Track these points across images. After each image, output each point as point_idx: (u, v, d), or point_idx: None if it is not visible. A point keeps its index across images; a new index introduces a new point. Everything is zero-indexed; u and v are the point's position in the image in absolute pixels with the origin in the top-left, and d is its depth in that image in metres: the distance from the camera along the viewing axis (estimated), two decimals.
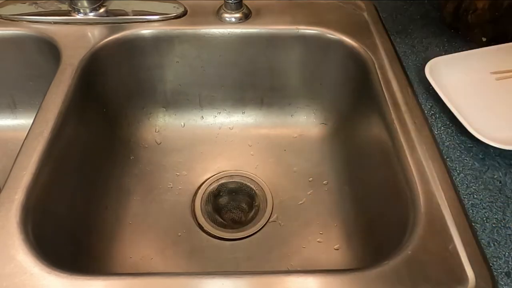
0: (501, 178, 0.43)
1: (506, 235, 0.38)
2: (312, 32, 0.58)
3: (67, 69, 0.51)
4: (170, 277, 0.33)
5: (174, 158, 0.61)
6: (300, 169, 0.60)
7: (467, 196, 0.41)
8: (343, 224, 0.53)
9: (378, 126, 0.48)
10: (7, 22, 0.57)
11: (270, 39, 0.58)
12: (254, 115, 0.65)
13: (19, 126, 0.64)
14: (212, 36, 0.58)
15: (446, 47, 0.58)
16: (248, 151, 0.63)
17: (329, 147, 0.62)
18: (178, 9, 0.59)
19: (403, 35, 0.60)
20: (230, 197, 0.58)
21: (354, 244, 0.51)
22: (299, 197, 0.57)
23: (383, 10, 0.65)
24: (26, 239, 0.35)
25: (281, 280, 0.33)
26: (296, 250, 0.51)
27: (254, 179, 0.59)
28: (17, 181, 0.39)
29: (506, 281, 0.34)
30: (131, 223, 0.53)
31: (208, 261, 0.51)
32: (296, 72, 0.62)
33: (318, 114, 0.65)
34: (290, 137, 0.64)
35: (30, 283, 0.32)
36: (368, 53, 0.54)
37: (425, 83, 0.51)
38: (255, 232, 0.53)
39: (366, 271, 0.33)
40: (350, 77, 0.58)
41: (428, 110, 0.49)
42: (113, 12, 0.59)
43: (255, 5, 0.60)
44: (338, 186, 0.57)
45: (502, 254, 0.36)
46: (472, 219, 0.39)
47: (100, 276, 0.33)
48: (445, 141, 0.46)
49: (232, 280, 0.33)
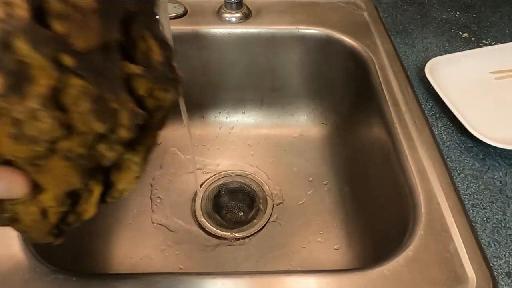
0: (502, 178, 0.43)
1: (507, 235, 0.38)
2: (312, 32, 0.58)
3: None
4: (170, 277, 0.33)
5: (174, 158, 0.61)
6: (300, 169, 0.60)
7: (468, 196, 0.41)
8: (343, 224, 0.53)
9: (378, 126, 0.48)
10: None
11: (270, 39, 0.58)
12: (254, 115, 0.65)
13: None
14: (212, 36, 0.58)
15: (446, 47, 0.58)
16: (248, 151, 0.63)
17: (329, 147, 0.62)
18: (178, 9, 0.59)
19: (403, 35, 0.60)
20: (230, 197, 0.58)
21: (354, 244, 0.51)
22: (299, 197, 0.57)
23: (383, 10, 0.65)
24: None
25: (281, 280, 0.33)
26: (296, 250, 0.51)
27: (254, 179, 0.59)
28: None
29: (506, 281, 0.34)
30: (131, 223, 0.53)
31: (208, 261, 0.51)
32: (296, 72, 0.62)
33: (318, 114, 0.65)
34: (290, 137, 0.64)
35: (30, 283, 0.32)
36: (368, 53, 0.54)
37: (425, 83, 0.52)
38: (255, 232, 0.53)
39: (366, 271, 0.33)
40: (350, 77, 0.58)
41: (428, 110, 0.49)
42: None
43: (255, 5, 0.60)
44: (338, 186, 0.57)
45: (502, 254, 0.36)
46: (473, 219, 0.39)
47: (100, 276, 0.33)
48: (446, 141, 0.46)
49: (232, 280, 0.33)
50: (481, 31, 0.61)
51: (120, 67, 0.20)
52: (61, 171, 0.23)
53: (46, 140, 0.19)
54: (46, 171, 0.22)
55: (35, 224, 0.26)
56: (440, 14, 0.64)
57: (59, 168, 0.22)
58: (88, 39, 0.18)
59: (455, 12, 0.65)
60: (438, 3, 0.67)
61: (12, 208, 0.25)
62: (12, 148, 0.20)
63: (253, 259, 0.51)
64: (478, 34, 0.60)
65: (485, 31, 0.61)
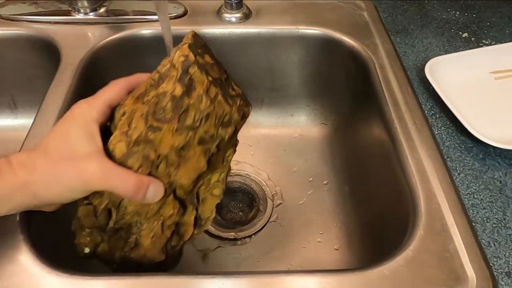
0: (502, 178, 0.43)
1: (507, 235, 0.38)
2: (312, 32, 0.58)
3: (67, 69, 0.51)
4: (170, 277, 0.33)
5: None
6: (300, 169, 0.60)
7: (468, 196, 0.41)
8: (343, 224, 0.53)
9: (378, 126, 0.48)
10: (7, 22, 0.57)
11: (270, 39, 0.58)
12: (254, 115, 0.65)
13: (19, 126, 0.64)
14: (213, 36, 0.58)
15: (446, 47, 0.58)
16: (248, 151, 0.63)
17: (329, 147, 0.62)
18: (178, 9, 0.59)
19: (403, 35, 0.60)
20: (230, 197, 0.58)
21: (354, 244, 0.51)
22: (299, 197, 0.57)
23: (383, 10, 0.65)
24: (27, 239, 0.35)
25: (281, 280, 0.33)
26: (296, 250, 0.51)
27: (254, 179, 0.59)
28: None
29: (506, 281, 0.34)
30: None
31: (208, 261, 0.51)
32: (296, 72, 0.62)
33: (318, 114, 0.65)
34: (290, 137, 0.64)
35: (30, 283, 0.32)
36: (368, 53, 0.54)
37: (425, 83, 0.52)
38: (255, 232, 0.53)
39: (366, 271, 0.33)
40: (350, 77, 0.58)
41: (428, 110, 0.49)
42: (113, 12, 0.59)
43: (255, 5, 0.60)
44: (338, 186, 0.57)
45: (502, 254, 0.36)
46: (473, 219, 0.39)
47: (100, 276, 0.33)
48: (446, 141, 0.46)
49: (232, 280, 0.33)
50: (481, 31, 0.61)
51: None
52: (195, 158, 0.32)
53: (198, 121, 0.31)
54: (185, 161, 0.31)
55: (153, 241, 0.33)
56: (440, 14, 0.64)
57: (195, 156, 0.32)
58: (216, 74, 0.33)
59: (455, 12, 0.65)
60: (438, 3, 0.67)
61: (138, 230, 0.33)
62: (169, 142, 0.30)
63: (253, 259, 0.51)
64: (478, 34, 0.60)
65: (485, 31, 0.61)
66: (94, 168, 0.28)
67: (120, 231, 0.33)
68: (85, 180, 0.28)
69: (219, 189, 0.35)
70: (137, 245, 0.34)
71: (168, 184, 0.32)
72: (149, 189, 0.30)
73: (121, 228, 0.33)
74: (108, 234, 0.33)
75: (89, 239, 0.33)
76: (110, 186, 0.29)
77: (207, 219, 0.36)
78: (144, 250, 0.34)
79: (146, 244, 0.34)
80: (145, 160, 0.30)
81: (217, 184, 0.35)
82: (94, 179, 0.28)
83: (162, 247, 0.34)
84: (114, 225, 0.33)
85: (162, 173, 0.31)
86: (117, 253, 0.34)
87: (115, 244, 0.34)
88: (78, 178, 0.28)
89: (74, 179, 0.28)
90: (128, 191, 0.29)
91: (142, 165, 0.30)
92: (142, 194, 0.29)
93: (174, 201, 0.33)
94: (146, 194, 0.30)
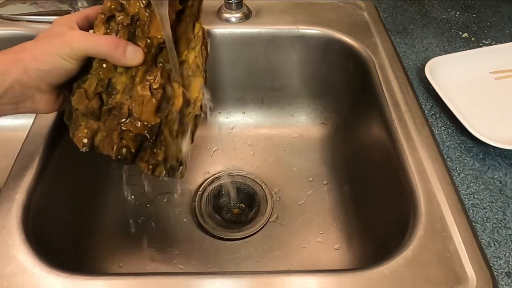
0: (502, 178, 0.43)
1: (507, 235, 0.38)
2: (313, 32, 0.58)
3: None
4: (170, 277, 0.33)
5: None
6: (300, 169, 0.60)
7: (468, 196, 0.41)
8: (343, 224, 0.53)
9: (378, 126, 0.48)
10: (7, 22, 0.57)
11: (270, 39, 0.58)
12: (254, 115, 0.65)
13: (19, 126, 0.64)
14: (212, 36, 0.58)
15: (446, 47, 0.58)
16: (248, 151, 0.63)
17: (329, 147, 0.62)
18: None
19: (403, 35, 0.60)
20: (230, 197, 0.58)
21: (354, 244, 0.51)
22: (299, 197, 0.57)
23: (383, 10, 0.65)
24: (27, 239, 0.35)
25: (281, 280, 0.33)
26: (296, 250, 0.51)
27: (254, 179, 0.59)
28: (18, 181, 0.39)
29: (506, 281, 0.34)
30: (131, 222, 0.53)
31: (208, 261, 0.51)
32: (296, 72, 0.62)
33: (318, 114, 0.65)
34: (290, 137, 0.64)
35: (30, 283, 0.32)
36: (368, 53, 0.54)
37: (425, 83, 0.52)
38: (255, 232, 0.53)
39: (366, 271, 0.33)
40: (350, 77, 0.58)
41: (428, 110, 0.49)
42: None
43: (255, 5, 0.60)
44: (338, 186, 0.57)
45: (503, 254, 0.36)
46: (473, 219, 0.39)
47: (100, 276, 0.33)
48: (446, 141, 0.46)
49: (232, 280, 0.33)
50: (481, 31, 0.61)
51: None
52: None
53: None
54: (154, 15, 0.34)
55: (144, 104, 0.35)
56: (440, 14, 0.64)
57: None
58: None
59: (455, 12, 0.65)
60: (438, 3, 0.67)
61: (129, 102, 0.35)
62: (137, 4, 0.34)
63: (253, 259, 0.51)
64: (478, 34, 0.60)
65: (485, 31, 0.61)
66: (75, 32, 0.34)
67: (113, 110, 0.35)
68: (67, 41, 0.32)
69: (200, 70, 0.39)
70: (130, 115, 0.35)
71: (146, 48, 0.34)
72: (128, 49, 0.33)
73: (114, 108, 0.35)
74: (103, 118, 0.35)
75: (86, 130, 0.35)
76: (91, 43, 0.33)
77: (196, 99, 0.39)
78: (138, 118, 0.35)
79: (138, 110, 0.35)
80: (122, 27, 0.34)
81: (196, 60, 0.39)
82: (75, 40, 0.32)
83: (154, 110, 0.35)
84: (107, 105, 0.35)
85: (140, 37, 0.34)
86: (114, 135, 0.35)
87: (111, 126, 0.35)
88: (62, 43, 0.32)
89: (58, 44, 0.32)
90: (108, 45, 0.33)
91: (119, 31, 0.34)
92: (122, 50, 0.33)
93: (157, 68, 0.36)
94: (126, 53, 0.33)
